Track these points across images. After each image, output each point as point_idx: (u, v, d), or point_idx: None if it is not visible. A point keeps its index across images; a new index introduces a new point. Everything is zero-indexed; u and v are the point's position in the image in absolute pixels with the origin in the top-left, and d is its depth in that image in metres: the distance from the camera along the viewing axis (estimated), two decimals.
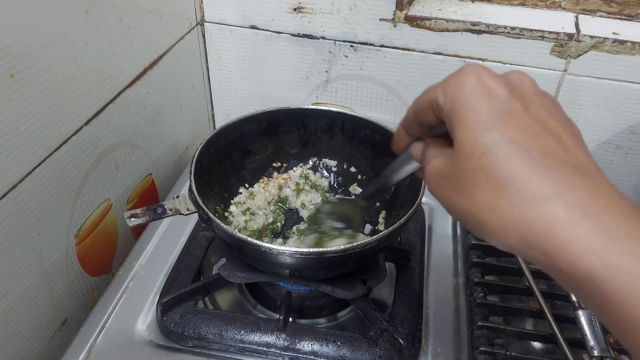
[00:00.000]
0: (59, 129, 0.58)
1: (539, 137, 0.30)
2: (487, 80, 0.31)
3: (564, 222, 0.27)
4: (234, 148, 0.71)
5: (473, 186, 0.30)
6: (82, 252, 0.67)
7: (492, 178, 0.29)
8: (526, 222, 0.28)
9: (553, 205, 0.27)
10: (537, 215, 0.28)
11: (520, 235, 0.28)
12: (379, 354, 0.57)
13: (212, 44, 0.88)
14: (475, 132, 0.30)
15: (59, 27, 0.55)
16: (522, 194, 0.28)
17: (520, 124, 0.30)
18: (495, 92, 0.31)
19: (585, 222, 0.27)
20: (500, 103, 0.31)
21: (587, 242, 0.26)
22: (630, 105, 0.76)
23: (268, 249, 0.52)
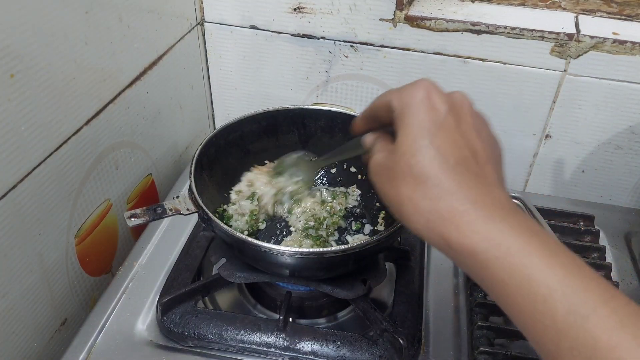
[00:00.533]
0: (59, 129, 0.58)
1: (459, 150, 0.37)
2: (434, 95, 0.38)
3: (458, 212, 0.35)
4: (234, 148, 0.71)
5: (400, 179, 0.38)
6: (82, 252, 0.67)
7: (415, 175, 0.37)
8: (432, 211, 0.36)
9: (453, 200, 0.35)
10: (441, 206, 0.36)
11: (426, 221, 0.36)
12: (379, 354, 0.57)
13: (212, 44, 0.88)
14: (412, 136, 0.37)
15: (59, 27, 0.55)
16: (433, 190, 0.36)
17: (448, 137, 0.37)
18: (437, 107, 0.38)
19: (473, 212, 0.35)
20: (438, 116, 0.38)
21: (473, 225, 0.35)
22: (630, 105, 0.76)
23: (268, 249, 0.52)
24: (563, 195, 0.88)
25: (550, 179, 0.88)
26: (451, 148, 0.37)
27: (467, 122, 0.39)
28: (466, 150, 0.37)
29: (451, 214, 0.35)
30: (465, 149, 0.37)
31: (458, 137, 0.38)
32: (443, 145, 0.37)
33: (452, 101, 0.39)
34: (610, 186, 0.86)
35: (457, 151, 0.37)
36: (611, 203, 0.87)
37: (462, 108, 0.39)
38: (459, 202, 0.35)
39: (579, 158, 0.84)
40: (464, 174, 0.36)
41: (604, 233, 0.77)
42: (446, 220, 0.35)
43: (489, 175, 0.38)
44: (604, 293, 0.31)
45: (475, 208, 0.35)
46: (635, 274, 0.73)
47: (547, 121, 0.81)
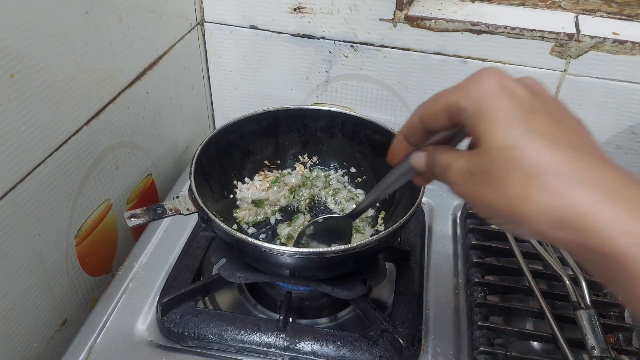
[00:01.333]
0: (59, 129, 0.58)
1: (563, 132, 0.32)
2: (507, 81, 0.34)
3: (597, 204, 0.29)
4: (234, 148, 0.71)
5: (504, 178, 0.32)
6: (82, 252, 0.67)
7: (524, 167, 0.31)
8: (560, 207, 0.30)
9: (586, 190, 0.29)
10: (571, 199, 0.29)
11: (554, 219, 0.30)
12: (379, 354, 0.57)
13: (212, 44, 0.88)
14: (504, 128, 0.32)
15: (59, 27, 0.55)
16: (555, 181, 0.30)
17: (545, 120, 0.32)
18: (517, 92, 0.33)
19: (616, 204, 0.29)
20: (523, 101, 0.33)
21: (618, 222, 0.28)
22: (630, 105, 0.76)
23: (268, 249, 0.52)
24: None
25: None
26: (555, 130, 0.32)
27: (552, 104, 0.34)
28: (568, 131, 0.32)
29: (587, 207, 0.29)
30: (567, 131, 0.32)
31: (554, 119, 0.33)
32: (545, 129, 0.32)
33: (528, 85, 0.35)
34: None
35: (562, 133, 0.32)
36: None
37: (539, 90, 0.35)
38: (593, 192, 0.29)
39: None
40: (583, 157, 0.31)
41: None
42: (582, 216, 0.29)
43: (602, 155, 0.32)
44: None
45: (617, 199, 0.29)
46: None
47: None
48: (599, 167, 0.30)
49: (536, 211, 0.30)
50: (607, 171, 0.30)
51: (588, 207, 0.29)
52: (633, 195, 0.29)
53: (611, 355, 0.55)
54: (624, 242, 0.28)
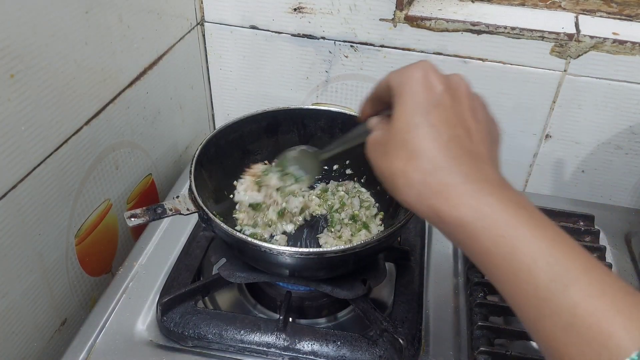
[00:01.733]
0: (59, 129, 0.58)
1: (453, 127, 0.38)
2: (431, 75, 0.40)
3: (448, 185, 0.37)
4: (234, 148, 0.71)
5: (394, 154, 0.39)
6: (82, 252, 0.67)
7: (409, 149, 0.38)
8: (424, 184, 0.37)
9: (444, 174, 0.37)
10: (433, 179, 0.37)
11: (418, 193, 0.38)
12: (379, 354, 0.57)
13: (212, 44, 0.88)
14: (407, 113, 0.39)
15: (59, 27, 0.55)
16: (426, 164, 0.37)
17: (443, 115, 0.39)
18: (434, 86, 0.39)
19: (462, 186, 0.36)
20: (434, 95, 0.39)
21: (462, 198, 0.36)
22: (630, 105, 0.76)
23: (268, 249, 0.52)
24: (563, 195, 0.88)
25: (550, 179, 0.88)
26: (445, 125, 0.38)
27: (463, 102, 0.40)
28: (460, 128, 0.39)
29: (442, 187, 0.37)
30: (459, 128, 0.39)
31: (452, 116, 0.39)
32: (437, 123, 0.38)
33: (449, 82, 0.40)
34: (610, 186, 0.86)
35: (450, 129, 0.38)
36: (611, 203, 0.87)
37: (459, 89, 0.40)
38: (450, 176, 0.37)
39: (579, 158, 0.84)
40: (456, 150, 0.38)
41: (604, 233, 0.77)
42: (437, 193, 0.37)
43: (482, 153, 0.39)
44: (586, 263, 0.33)
45: (465, 182, 0.36)
46: (635, 274, 0.73)
47: (547, 121, 0.81)
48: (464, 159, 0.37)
49: (406, 185, 0.38)
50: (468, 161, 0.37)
51: (442, 186, 0.37)
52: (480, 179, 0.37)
53: None
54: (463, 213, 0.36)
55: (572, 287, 0.32)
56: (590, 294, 0.31)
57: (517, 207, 0.35)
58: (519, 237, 0.34)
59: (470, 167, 0.37)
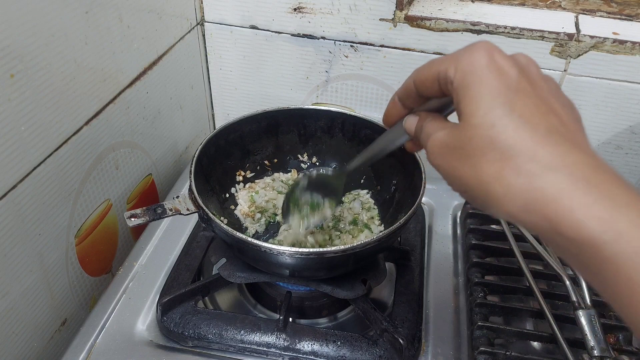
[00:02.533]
0: (59, 129, 0.58)
1: (544, 115, 0.32)
2: (498, 58, 0.33)
3: (568, 190, 0.29)
4: (234, 148, 0.71)
5: (479, 156, 0.32)
6: (82, 252, 0.67)
7: (500, 148, 0.31)
8: (532, 190, 0.30)
9: (558, 176, 0.29)
10: (543, 184, 0.30)
11: (525, 202, 0.30)
12: (379, 354, 0.57)
13: (212, 44, 0.88)
14: (485, 105, 0.32)
15: (59, 27, 0.55)
16: (529, 165, 0.30)
17: (529, 102, 0.32)
18: (506, 70, 0.33)
19: (588, 192, 0.29)
20: (510, 80, 0.32)
21: (591, 209, 0.28)
22: (630, 105, 0.76)
23: (268, 249, 0.52)
24: None
25: None
26: (536, 114, 0.31)
27: (542, 85, 0.34)
28: (552, 116, 0.32)
29: (559, 192, 0.29)
30: (551, 115, 0.32)
31: (538, 102, 0.32)
32: (526, 112, 0.31)
33: (520, 63, 0.34)
34: None
35: (543, 117, 0.32)
36: None
37: (532, 70, 0.34)
38: (566, 178, 0.29)
39: None
40: (561, 143, 0.31)
41: None
42: (553, 201, 0.29)
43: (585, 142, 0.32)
44: None
45: (589, 186, 0.29)
46: None
47: None
48: (574, 153, 0.30)
49: (507, 193, 0.31)
50: (581, 158, 0.30)
51: (559, 192, 0.29)
52: (604, 182, 0.29)
53: (611, 355, 0.55)
54: (594, 229, 0.28)
55: None
56: None
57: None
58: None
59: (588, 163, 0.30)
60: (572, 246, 0.29)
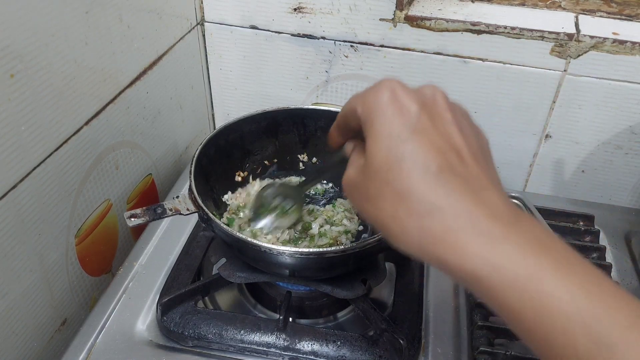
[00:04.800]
0: (59, 129, 0.58)
1: (440, 154, 0.33)
2: (401, 95, 0.34)
3: (452, 230, 0.31)
4: (234, 148, 0.71)
5: (379, 197, 0.34)
6: (82, 252, 0.67)
7: (395, 191, 0.33)
8: (422, 229, 0.32)
9: (443, 216, 0.31)
10: (430, 224, 0.32)
11: (418, 241, 0.32)
12: (379, 354, 0.57)
13: (212, 44, 0.88)
14: (384, 147, 0.33)
15: (59, 27, 0.55)
16: (418, 206, 0.32)
17: (425, 140, 0.33)
18: (407, 108, 0.34)
19: (469, 230, 0.31)
20: (410, 119, 0.33)
21: (471, 247, 0.30)
22: (630, 105, 0.76)
23: (268, 249, 0.52)
24: (563, 195, 0.88)
25: (550, 179, 0.88)
26: (430, 153, 0.33)
27: (444, 118, 0.34)
28: (448, 151, 0.33)
29: (445, 233, 0.31)
30: (447, 151, 0.33)
31: (436, 138, 0.33)
32: (420, 152, 0.32)
33: (423, 98, 0.35)
34: (610, 186, 0.86)
35: (438, 155, 0.33)
36: (611, 203, 0.87)
37: (436, 103, 0.35)
38: (451, 219, 0.31)
39: (579, 158, 0.84)
40: (450, 181, 0.32)
41: (604, 233, 0.77)
42: (440, 241, 0.31)
43: (480, 176, 0.33)
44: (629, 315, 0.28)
45: (472, 224, 0.31)
46: (635, 274, 0.73)
47: (547, 121, 0.81)
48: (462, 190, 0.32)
49: (403, 232, 0.33)
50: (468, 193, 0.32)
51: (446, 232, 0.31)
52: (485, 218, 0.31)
53: None
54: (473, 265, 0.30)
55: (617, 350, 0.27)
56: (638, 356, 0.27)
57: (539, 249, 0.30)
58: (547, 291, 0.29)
59: (471, 200, 0.32)
60: (462, 281, 0.32)
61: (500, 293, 0.30)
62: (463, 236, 0.31)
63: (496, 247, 0.30)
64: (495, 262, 0.30)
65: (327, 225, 0.67)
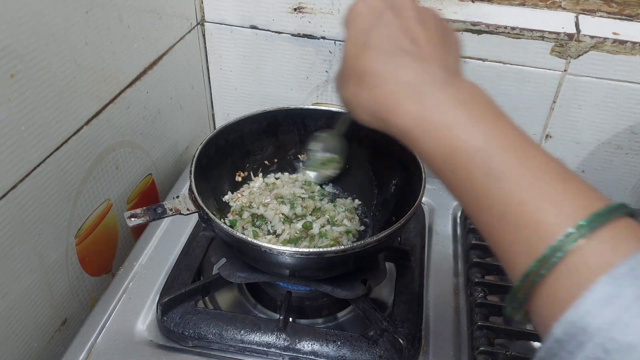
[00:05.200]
0: (59, 129, 0.58)
1: (396, 40, 0.40)
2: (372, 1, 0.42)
3: (394, 94, 0.38)
4: (234, 148, 0.71)
5: (347, 80, 0.42)
6: (82, 252, 0.67)
7: (356, 72, 0.41)
8: (372, 98, 0.39)
9: (388, 85, 0.38)
10: (379, 93, 0.39)
11: (369, 110, 0.40)
12: (379, 354, 0.57)
13: (212, 44, 0.88)
14: (352, 40, 0.42)
15: (59, 27, 0.55)
16: (370, 79, 0.40)
17: (385, 32, 0.40)
18: (374, 9, 0.41)
19: (406, 93, 0.38)
20: (375, 17, 0.41)
21: (405, 105, 0.37)
22: (630, 105, 0.76)
23: (268, 249, 0.52)
24: None
25: None
26: (388, 41, 0.40)
27: (407, 15, 0.41)
28: (405, 39, 0.40)
29: (388, 98, 0.38)
30: (403, 39, 0.40)
31: (395, 31, 0.40)
32: (379, 40, 0.40)
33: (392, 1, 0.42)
34: (610, 186, 0.86)
35: (393, 42, 0.40)
36: None
37: (402, 4, 0.42)
38: (394, 86, 0.38)
39: (579, 158, 0.84)
40: (400, 58, 0.39)
41: None
42: (384, 105, 0.39)
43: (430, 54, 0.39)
44: (523, 154, 0.33)
45: (408, 88, 0.37)
46: None
47: (547, 121, 0.81)
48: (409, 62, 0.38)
49: (359, 104, 0.41)
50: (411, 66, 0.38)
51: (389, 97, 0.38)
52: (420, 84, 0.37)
53: None
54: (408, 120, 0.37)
55: (504, 179, 0.32)
56: (521, 185, 0.32)
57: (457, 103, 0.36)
58: (455, 136, 0.35)
59: (414, 71, 0.38)
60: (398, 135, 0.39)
61: (421, 141, 0.37)
62: (400, 97, 0.38)
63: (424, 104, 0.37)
64: (420, 115, 0.36)
65: (328, 225, 0.67)
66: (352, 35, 0.42)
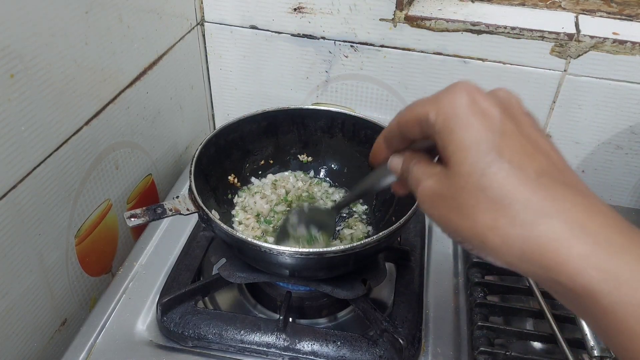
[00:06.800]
0: (59, 129, 0.58)
1: (532, 157, 0.31)
2: (480, 99, 0.32)
3: (564, 239, 0.28)
4: (234, 148, 0.71)
5: (473, 206, 0.31)
6: (82, 252, 0.67)
7: (492, 198, 0.30)
8: (528, 239, 0.29)
9: (553, 223, 0.29)
10: (539, 233, 0.29)
11: (522, 252, 0.29)
12: (379, 354, 0.57)
13: (212, 44, 0.88)
14: (473, 152, 0.31)
15: (59, 27, 0.55)
16: (523, 214, 0.29)
17: (515, 144, 0.31)
18: (489, 112, 0.31)
19: (584, 239, 0.28)
20: (495, 123, 0.31)
21: (587, 258, 0.28)
22: (630, 105, 0.76)
23: (268, 249, 0.52)
24: None
25: None
26: (524, 156, 0.30)
27: (526, 121, 0.33)
28: (540, 156, 0.31)
29: (555, 242, 0.28)
30: (539, 155, 0.31)
31: (525, 142, 0.31)
32: (514, 155, 0.30)
33: (501, 101, 0.33)
34: (610, 186, 0.86)
35: (532, 159, 0.30)
36: (611, 203, 0.86)
37: (514, 107, 0.33)
38: (562, 226, 0.28)
39: (579, 158, 0.84)
40: (552, 186, 0.30)
41: None
42: (550, 251, 0.28)
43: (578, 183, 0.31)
44: None
45: (585, 232, 0.28)
46: None
47: (547, 121, 0.81)
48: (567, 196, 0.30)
49: (504, 243, 0.30)
50: (574, 200, 0.30)
51: (555, 241, 0.28)
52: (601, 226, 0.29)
53: (611, 355, 0.55)
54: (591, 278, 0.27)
55: None
56: None
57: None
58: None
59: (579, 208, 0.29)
60: (571, 295, 0.29)
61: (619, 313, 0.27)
62: (578, 245, 0.28)
63: (616, 259, 0.27)
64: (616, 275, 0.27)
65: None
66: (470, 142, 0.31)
